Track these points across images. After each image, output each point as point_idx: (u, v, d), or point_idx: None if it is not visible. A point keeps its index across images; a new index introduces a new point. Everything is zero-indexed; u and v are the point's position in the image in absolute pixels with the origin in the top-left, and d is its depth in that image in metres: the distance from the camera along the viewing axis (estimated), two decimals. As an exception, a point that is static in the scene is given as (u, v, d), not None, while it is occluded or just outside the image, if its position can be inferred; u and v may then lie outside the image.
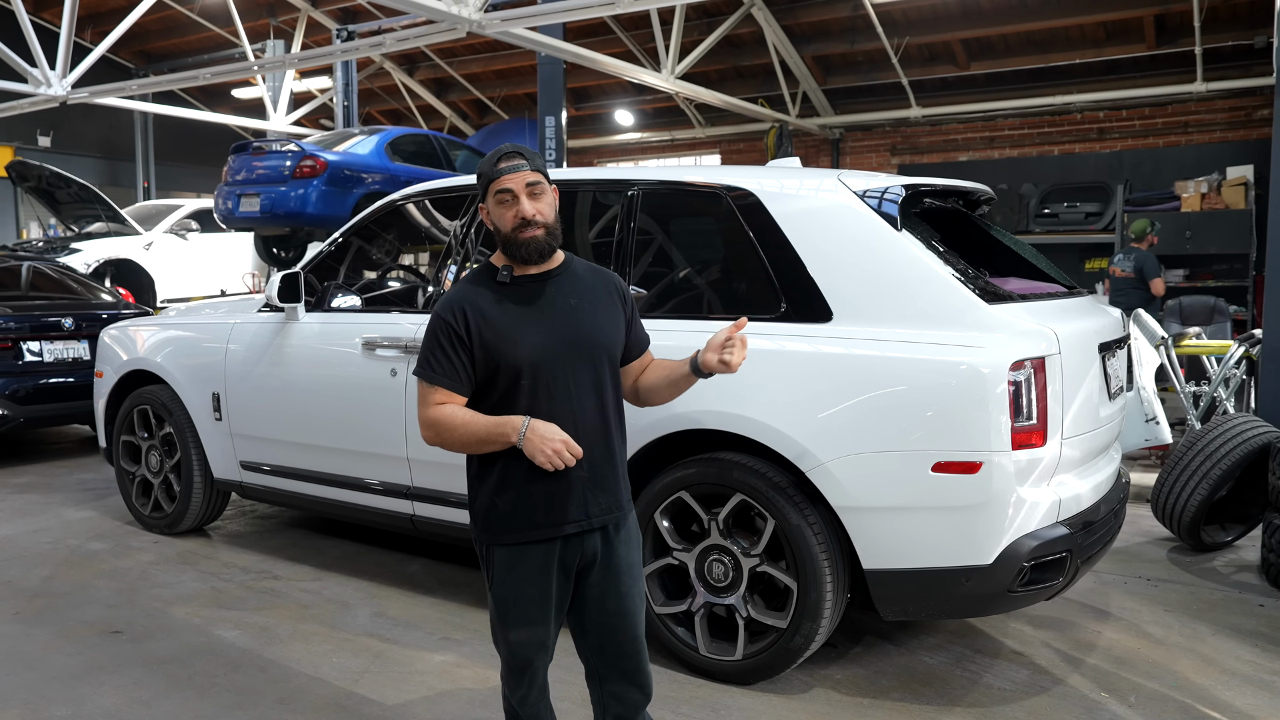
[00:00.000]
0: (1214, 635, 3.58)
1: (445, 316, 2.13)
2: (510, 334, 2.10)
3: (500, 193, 2.13)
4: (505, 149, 2.17)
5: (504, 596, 2.16)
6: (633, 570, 2.22)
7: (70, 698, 3.05)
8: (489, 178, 2.14)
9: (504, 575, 2.15)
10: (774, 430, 2.96)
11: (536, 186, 2.13)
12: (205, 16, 15.34)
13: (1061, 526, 2.89)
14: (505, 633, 2.17)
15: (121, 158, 17.51)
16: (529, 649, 2.17)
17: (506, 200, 2.12)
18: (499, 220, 2.15)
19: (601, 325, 2.19)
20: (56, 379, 6.44)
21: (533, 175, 2.13)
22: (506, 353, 2.09)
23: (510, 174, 2.12)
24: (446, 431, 2.10)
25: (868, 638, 3.52)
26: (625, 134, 15.68)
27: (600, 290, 2.24)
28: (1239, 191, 10.24)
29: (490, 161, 2.16)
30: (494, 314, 2.12)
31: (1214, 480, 4.33)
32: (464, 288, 2.18)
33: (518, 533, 2.13)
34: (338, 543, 4.71)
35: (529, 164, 2.14)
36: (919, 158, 13.31)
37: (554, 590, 2.15)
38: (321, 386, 4.02)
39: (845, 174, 3.24)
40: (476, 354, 2.10)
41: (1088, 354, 3.11)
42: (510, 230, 2.13)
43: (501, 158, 2.15)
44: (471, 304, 2.13)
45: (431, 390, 2.12)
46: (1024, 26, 11.20)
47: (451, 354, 2.10)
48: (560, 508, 2.11)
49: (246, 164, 9.04)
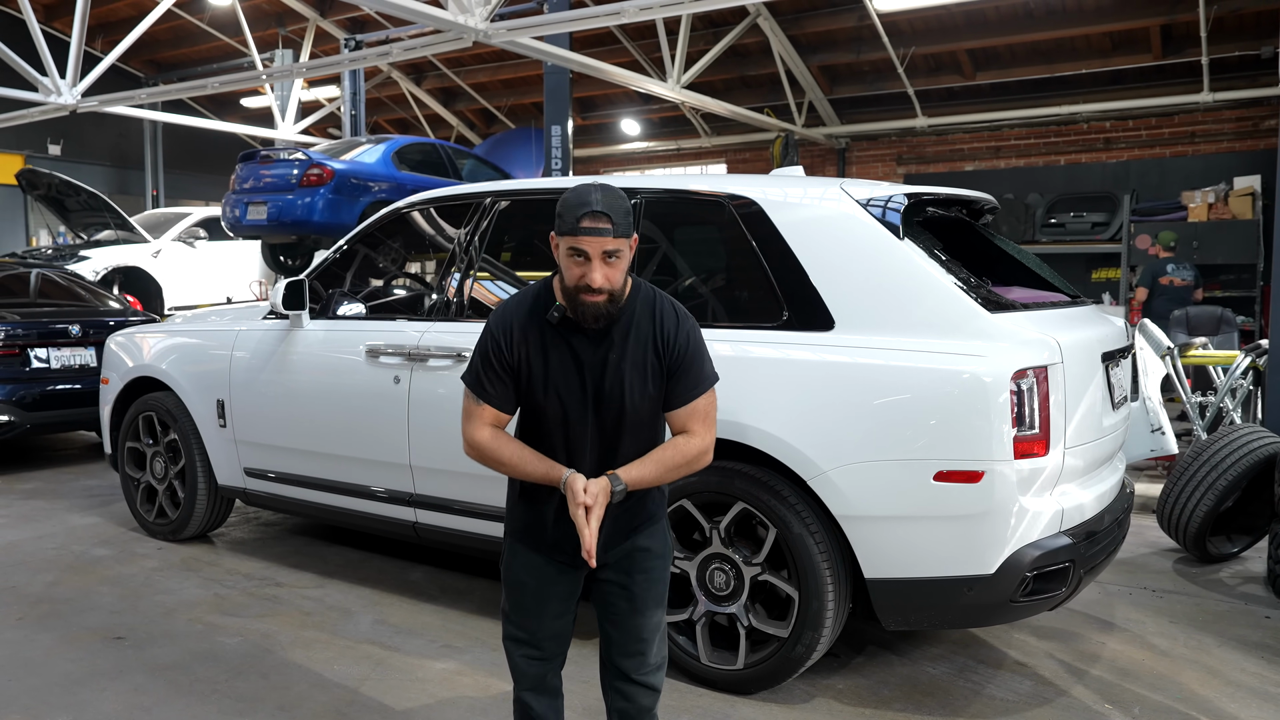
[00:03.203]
0: (1219, 647, 3.56)
1: (499, 336, 2.12)
2: (542, 377, 2.10)
3: (573, 250, 2.00)
4: (593, 201, 1.98)
5: (507, 579, 2.28)
6: (650, 572, 2.22)
7: (71, 703, 3.05)
8: (568, 230, 1.99)
9: (510, 560, 2.27)
10: (775, 439, 2.95)
11: (615, 256, 2.00)
12: (215, 26, 15.46)
13: (1064, 536, 2.87)
14: (506, 618, 2.29)
15: (131, 166, 17.63)
16: (521, 630, 2.26)
17: (578, 259, 2.00)
18: (565, 270, 2.04)
19: (628, 385, 2.09)
20: (63, 385, 6.47)
21: (613, 244, 1.98)
22: (534, 393, 2.12)
23: (590, 236, 1.97)
24: (492, 459, 2.13)
25: (870, 647, 3.51)
26: (631, 143, 15.72)
27: (647, 340, 2.11)
28: (1246, 202, 10.22)
29: (573, 210, 1.99)
30: (535, 350, 2.11)
31: (1220, 491, 4.31)
32: (520, 311, 2.13)
33: (519, 535, 2.26)
34: (341, 550, 4.71)
35: (614, 230, 1.97)
36: (925, 167, 13.31)
37: (553, 590, 2.22)
38: (325, 393, 4.03)
39: (848, 183, 3.24)
40: (520, 378, 2.13)
41: (1091, 363, 3.10)
42: (573, 287, 2.03)
43: (586, 215, 1.96)
44: (521, 330, 2.11)
45: (480, 407, 2.13)
46: (1030, 36, 11.20)
47: (503, 374, 2.12)
48: (553, 539, 2.19)
49: (254, 172, 9.09)
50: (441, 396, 3.59)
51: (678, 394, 2.13)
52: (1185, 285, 8.66)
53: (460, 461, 2.96)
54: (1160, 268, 8.86)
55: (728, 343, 3.11)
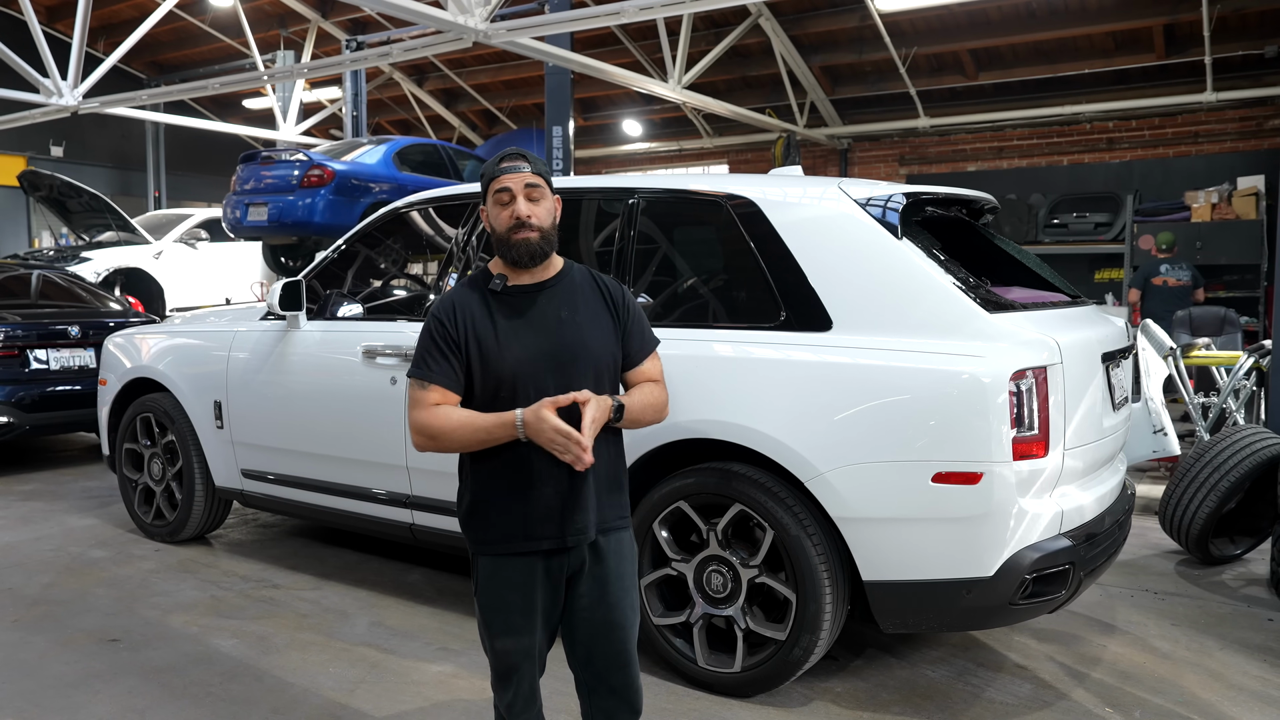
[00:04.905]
0: (1222, 650, 3.53)
1: (440, 317, 2.13)
2: (494, 344, 2.09)
3: (499, 192, 2.12)
4: (509, 151, 2.17)
5: (487, 604, 2.15)
6: (623, 581, 2.18)
7: (65, 706, 3.04)
8: (490, 176, 2.14)
9: (486, 583, 2.15)
10: (773, 440, 2.93)
11: (535, 190, 2.12)
12: (216, 27, 15.48)
13: (1064, 538, 2.85)
14: (490, 640, 2.16)
15: (133, 167, 17.65)
16: (514, 656, 2.15)
17: (504, 200, 2.11)
18: (495, 220, 2.14)
19: (589, 338, 2.14)
20: (63, 387, 6.46)
21: (532, 177, 2.12)
22: (489, 362, 2.09)
23: (510, 174, 2.11)
24: (442, 433, 2.06)
25: (869, 650, 3.48)
26: (633, 144, 15.71)
27: (594, 300, 2.20)
28: (1250, 202, 10.18)
29: (493, 162, 2.16)
30: (483, 321, 2.11)
31: (1223, 492, 4.28)
32: (458, 291, 2.18)
33: (495, 544, 2.13)
34: (338, 552, 4.70)
35: (531, 166, 2.13)
36: (927, 168, 13.29)
37: (539, 600, 2.12)
38: (322, 394, 4.01)
39: (846, 182, 3.22)
40: (468, 357, 2.10)
41: (1091, 364, 3.08)
42: (504, 230, 2.11)
43: (504, 158, 2.14)
44: (463, 307, 2.13)
45: (426, 391, 2.09)
46: (1032, 37, 11.17)
47: (448, 352, 2.10)
48: (535, 524, 2.09)
49: (255, 173, 9.09)
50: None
51: (636, 349, 2.23)
52: (1180, 285, 8.61)
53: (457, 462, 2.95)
54: (1154, 269, 8.84)
55: (725, 343, 3.09)
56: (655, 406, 2.21)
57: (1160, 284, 8.69)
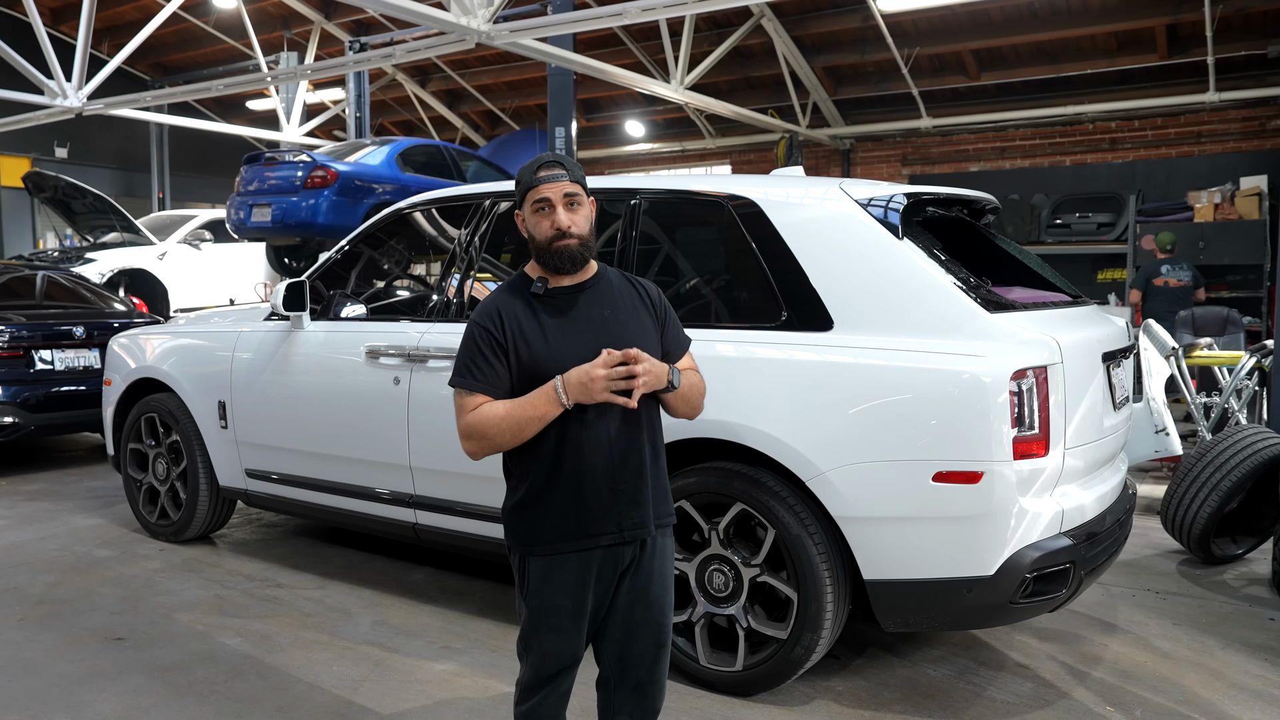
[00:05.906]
0: (1223, 649, 3.54)
1: (484, 323, 2.10)
2: (543, 346, 2.09)
3: (538, 201, 2.10)
4: (545, 158, 2.14)
5: (538, 607, 2.11)
6: (665, 581, 2.19)
7: (70, 704, 3.06)
8: (527, 185, 2.12)
9: (538, 586, 2.11)
10: (774, 439, 2.94)
11: (575, 197, 2.11)
12: (220, 29, 15.51)
13: (1065, 537, 2.86)
14: (539, 643, 2.13)
15: (137, 169, 17.67)
16: (561, 660, 2.13)
17: (543, 209, 2.10)
18: (534, 229, 2.12)
19: (633, 336, 2.13)
20: (68, 387, 6.49)
21: (570, 186, 2.10)
22: (540, 363, 2.08)
23: (549, 183, 2.09)
24: (491, 429, 2.03)
25: (870, 649, 3.49)
26: (636, 145, 15.72)
27: (633, 299, 2.21)
28: (1253, 202, 10.17)
29: (530, 169, 2.13)
30: (529, 325, 2.10)
31: (1224, 492, 4.28)
32: (500, 296, 2.16)
33: (549, 544, 2.09)
34: (342, 551, 4.72)
35: (568, 175, 2.11)
36: (930, 168, 13.28)
37: (589, 602, 2.11)
38: (325, 395, 4.03)
39: (847, 183, 3.23)
40: (512, 361, 2.09)
41: (1091, 363, 3.09)
42: (545, 240, 2.10)
43: (541, 166, 2.12)
44: (508, 311, 2.11)
45: (471, 398, 2.07)
46: (1035, 37, 11.17)
47: (493, 359, 2.08)
48: (591, 521, 2.07)
49: (259, 174, 9.10)
50: (442, 398, 3.59)
51: (674, 346, 2.26)
52: (1182, 286, 8.64)
53: (460, 462, 2.97)
54: (1154, 269, 8.86)
55: (727, 343, 3.11)
56: (700, 391, 2.26)
57: (1161, 285, 8.71)
